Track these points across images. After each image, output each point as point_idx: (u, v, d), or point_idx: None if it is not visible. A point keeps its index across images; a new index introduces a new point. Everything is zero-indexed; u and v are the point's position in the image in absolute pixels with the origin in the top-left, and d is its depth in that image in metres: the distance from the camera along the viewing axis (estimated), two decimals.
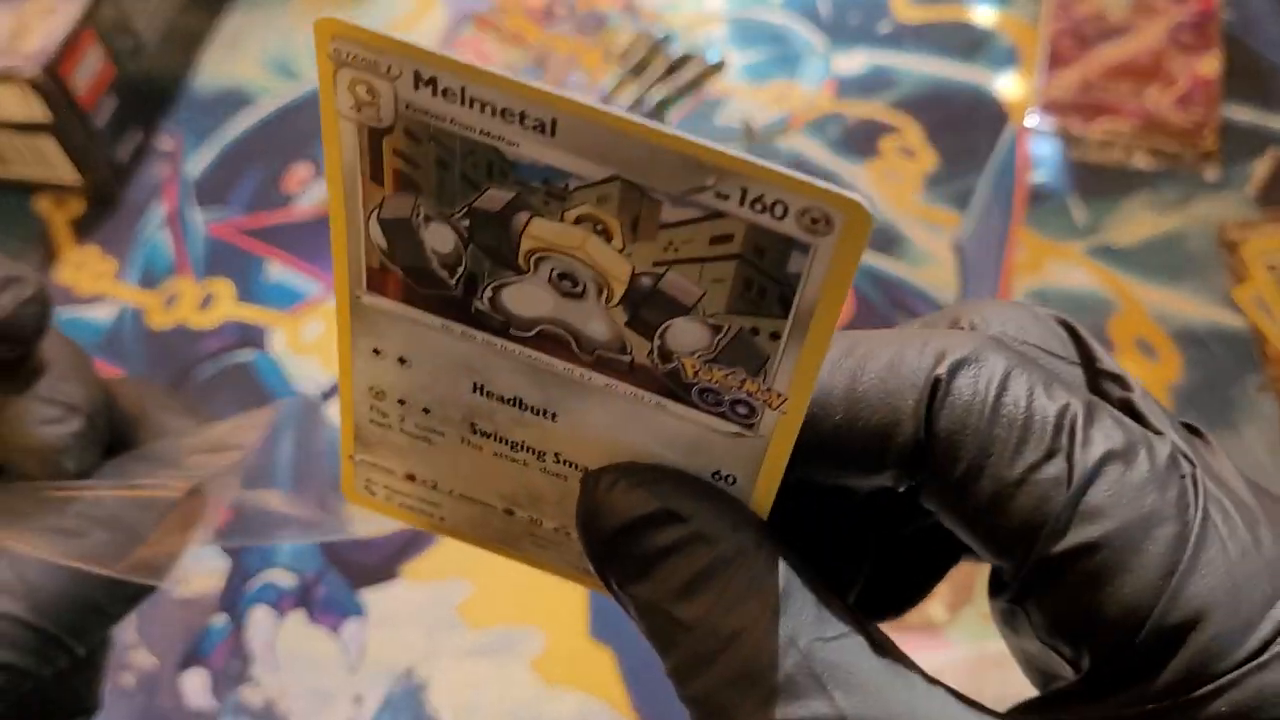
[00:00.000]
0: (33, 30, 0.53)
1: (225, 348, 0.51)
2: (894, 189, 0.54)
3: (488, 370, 0.16)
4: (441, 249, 0.14)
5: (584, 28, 0.60)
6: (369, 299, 0.16)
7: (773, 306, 0.14)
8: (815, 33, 0.61)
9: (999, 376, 0.15)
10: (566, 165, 0.13)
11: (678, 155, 0.13)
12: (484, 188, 0.14)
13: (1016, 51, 0.59)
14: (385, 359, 0.16)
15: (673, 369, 0.15)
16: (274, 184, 0.57)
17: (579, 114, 0.13)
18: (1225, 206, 0.51)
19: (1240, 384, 0.46)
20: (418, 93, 0.13)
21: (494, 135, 0.13)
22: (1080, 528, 0.14)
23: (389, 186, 0.14)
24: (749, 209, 0.13)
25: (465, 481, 0.18)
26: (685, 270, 0.14)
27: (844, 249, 0.13)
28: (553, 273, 0.14)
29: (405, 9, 0.65)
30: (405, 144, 0.14)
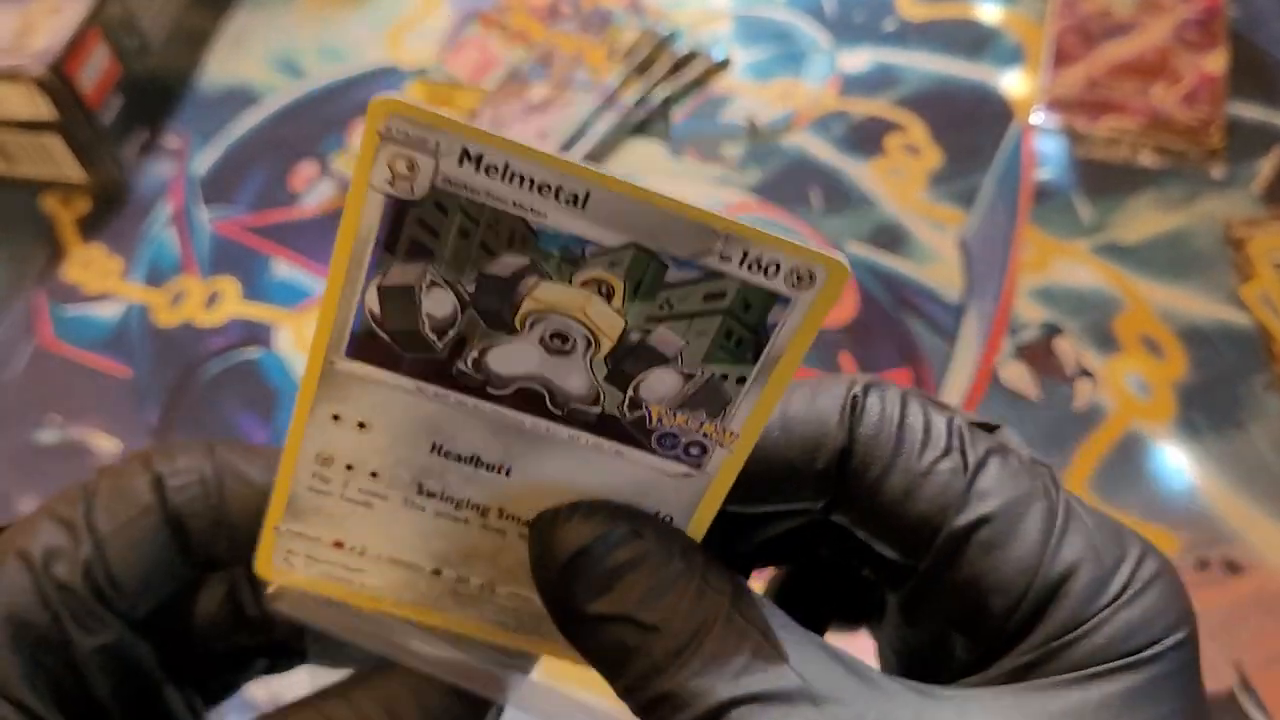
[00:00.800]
0: (39, 29, 0.53)
1: (231, 345, 0.52)
2: (899, 186, 0.54)
3: (451, 430, 0.17)
4: (438, 313, 0.15)
5: (589, 25, 0.60)
6: (344, 365, 0.16)
7: (745, 354, 0.15)
8: (820, 30, 0.61)
9: (899, 397, 0.18)
10: (588, 234, 0.14)
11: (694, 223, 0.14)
12: (499, 255, 0.15)
13: (1022, 49, 0.58)
14: (343, 424, 0.17)
15: (639, 417, 0.16)
16: (280, 182, 0.57)
17: (612, 188, 0.14)
18: (1231, 204, 0.51)
19: (1246, 382, 0.46)
20: (461, 168, 0.14)
21: (524, 207, 0.14)
22: (975, 505, 0.17)
23: (401, 255, 0.15)
24: (746, 269, 0.15)
25: (398, 544, 0.18)
26: (674, 325, 0.15)
27: (820, 301, 0.15)
28: (545, 332, 0.15)
29: (411, 7, 0.65)
30: (432, 215, 0.14)
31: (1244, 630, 0.40)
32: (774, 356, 0.15)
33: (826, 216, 0.53)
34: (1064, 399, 0.46)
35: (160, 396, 0.50)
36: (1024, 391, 0.46)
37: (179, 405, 0.50)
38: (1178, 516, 0.43)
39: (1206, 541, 0.42)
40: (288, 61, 0.63)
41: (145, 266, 0.55)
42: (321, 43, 0.64)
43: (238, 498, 0.19)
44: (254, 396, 0.50)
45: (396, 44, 0.63)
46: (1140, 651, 0.16)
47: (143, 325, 0.53)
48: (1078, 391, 0.46)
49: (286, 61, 0.63)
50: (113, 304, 0.54)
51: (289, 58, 0.63)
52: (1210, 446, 0.44)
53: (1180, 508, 0.43)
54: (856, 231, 0.52)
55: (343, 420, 0.17)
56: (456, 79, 0.58)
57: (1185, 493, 0.43)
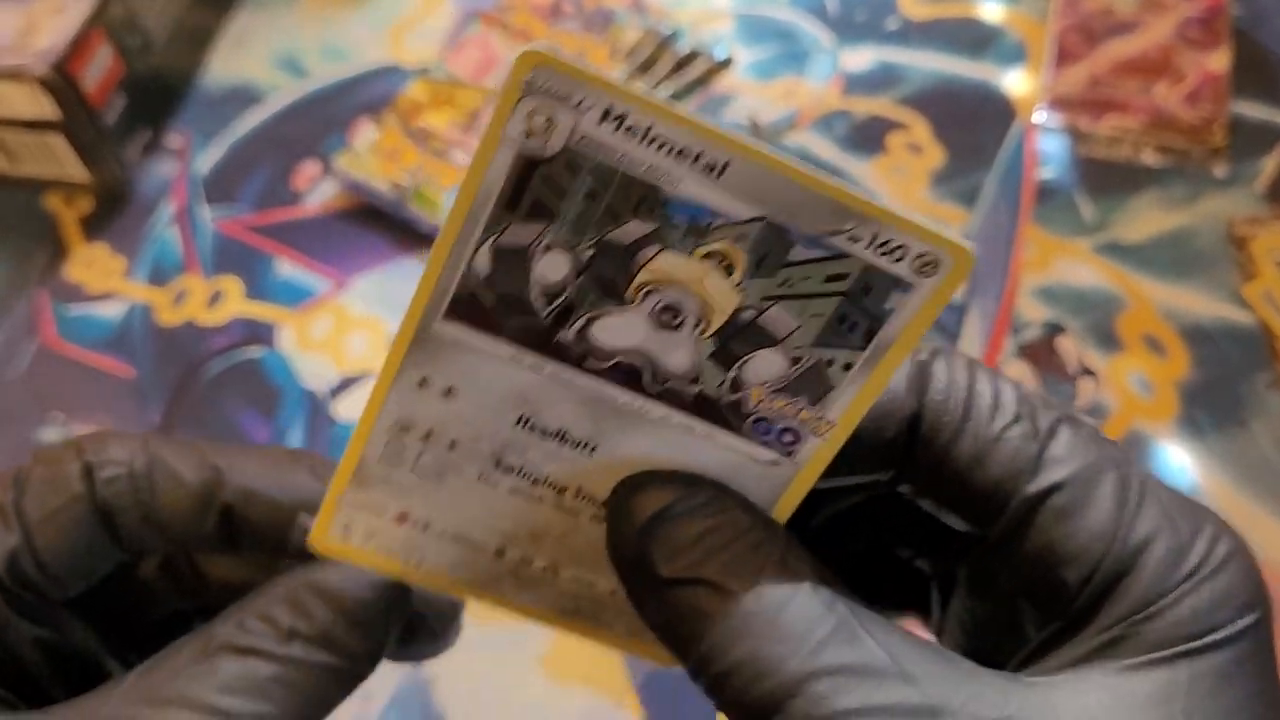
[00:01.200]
0: (42, 28, 0.53)
1: (233, 345, 0.52)
2: (901, 186, 0.54)
3: (541, 402, 0.16)
4: (550, 278, 0.15)
5: (591, 25, 0.60)
6: (440, 326, 0.16)
7: (857, 340, 0.15)
8: (822, 29, 0.61)
9: (967, 364, 0.18)
10: (719, 205, 0.14)
11: (831, 201, 0.14)
12: (624, 221, 0.14)
13: (1024, 48, 0.58)
14: (429, 390, 0.17)
15: (737, 399, 0.16)
16: (282, 181, 0.57)
17: (754, 159, 0.14)
18: (1234, 203, 0.51)
19: (1249, 380, 0.46)
20: (600, 127, 0.14)
21: (659, 172, 0.14)
22: (1047, 471, 0.17)
23: (521, 214, 0.14)
24: (872, 251, 0.14)
25: (465, 520, 0.18)
26: (789, 305, 0.15)
27: (941, 290, 0.15)
28: (657, 305, 0.15)
29: (413, 6, 0.65)
30: (561, 175, 0.14)
31: None
32: (885, 344, 0.15)
33: None
34: (1066, 398, 0.46)
35: (163, 395, 0.50)
36: None
37: (181, 404, 0.50)
38: None
39: None
40: (290, 61, 0.63)
41: (148, 266, 0.55)
42: (324, 42, 0.64)
43: (167, 494, 0.19)
44: (256, 396, 0.50)
45: (398, 43, 0.63)
46: (1218, 630, 0.16)
47: (145, 324, 0.53)
48: (1080, 390, 0.46)
49: (289, 61, 0.63)
50: (115, 303, 0.54)
51: (291, 57, 0.63)
52: (1213, 445, 0.44)
53: None
54: None
55: (429, 385, 0.16)
56: (458, 78, 0.58)
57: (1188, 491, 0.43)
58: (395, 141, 0.56)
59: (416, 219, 0.53)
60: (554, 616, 0.19)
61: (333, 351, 0.51)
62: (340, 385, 0.50)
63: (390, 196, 0.54)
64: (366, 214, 0.55)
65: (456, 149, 0.55)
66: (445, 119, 0.56)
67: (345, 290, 0.53)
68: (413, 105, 0.57)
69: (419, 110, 0.57)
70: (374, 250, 0.54)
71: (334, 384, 0.50)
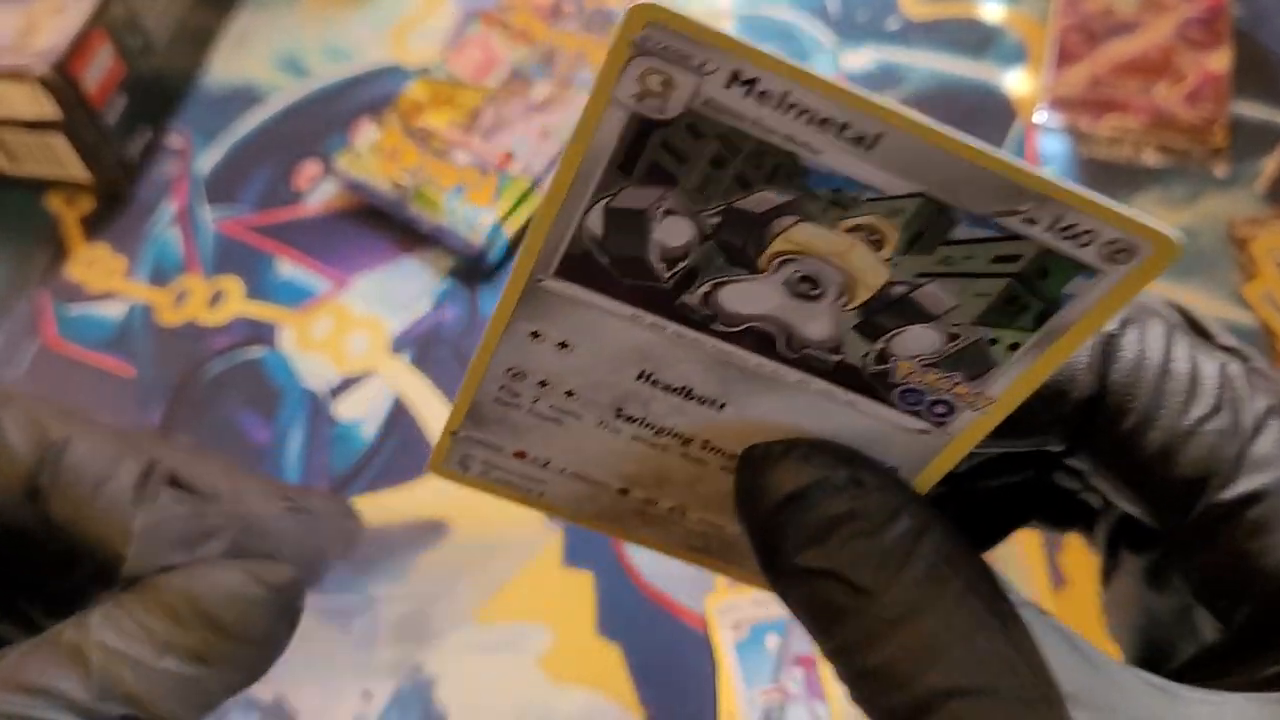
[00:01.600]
0: (42, 28, 0.53)
1: (234, 345, 0.52)
2: None
3: (664, 360, 0.15)
4: (671, 242, 0.14)
5: (592, 25, 0.60)
6: (551, 283, 0.15)
7: (1026, 321, 0.14)
8: (823, 29, 0.61)
9: (1163, 334, 0.16)
10: (870, 178, 0.13)
11: (1004, 180, 0.13)
12: (757, 189, 0.13)
13: (1025, 48, 0.58)
14: (542, 341, 0.16)
15: (884, 369, 0.15)
16: (284, 181, 0.57)
17: (913, 132, 0.12)
18: (1235, 203, 0.51)
19: None
20: (727, 91, 0.12)
21: (798, 141, 0.13)
22: (1249, 476, 0.15)
23: (638, 178, 0.13)
24: (1053, 234, 0.13)
25: (585, 462, 0.17)
26: (949, 283, 0.13)
27: (1135, 278, 0.13)
28: (794, 274, 0.14)
29: (414, 7, 0.65)
30: (682, 139, 0.13)
31: None
32: (1059, 328, 0.14)
33: None
34: None
35: (163, 395, 0.50)
36: None
37: (182, 404, 0.50)
38: None
39: None
40: (292, 61, 0.63)
41: (149, 266, 0.55)
42: (325, 42, 0.64)
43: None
44: (257, 396, 0.50)
45: (400, 43, 0.63)
46: None
47: (146, 324, 0.53)
48: None
49: (290, 61, 0.63)
50: (116, 303, 0.54)
51: (293, 57, 0.63)
52: None
53: None
54: None
55: (542, 338, 0.15)
56: (459, 78, 0.58)
57: None
58: (396, 141, 0.56)
59: (417, 219, 0.53)
60: (683, 552, 0.18)
61: (333, 351, 0.51)
62: (341, 385, 0.50)
63: (391, 196, 0.54)
64: (367, 214, 0.55)
65: (457, 149, 0.55)
66: (446, 119, 0.56)
67: (346, 290, 0.53)
68: (414, 105, 0.57)
69: (420, 110, 0.57)
70: (375, 250, 0.54)
71: (334, 384, 0.50)
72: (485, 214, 0.52)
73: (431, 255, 0.54)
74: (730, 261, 0.14)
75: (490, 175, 0.54)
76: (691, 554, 0.18)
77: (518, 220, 0.53)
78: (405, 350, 0.51)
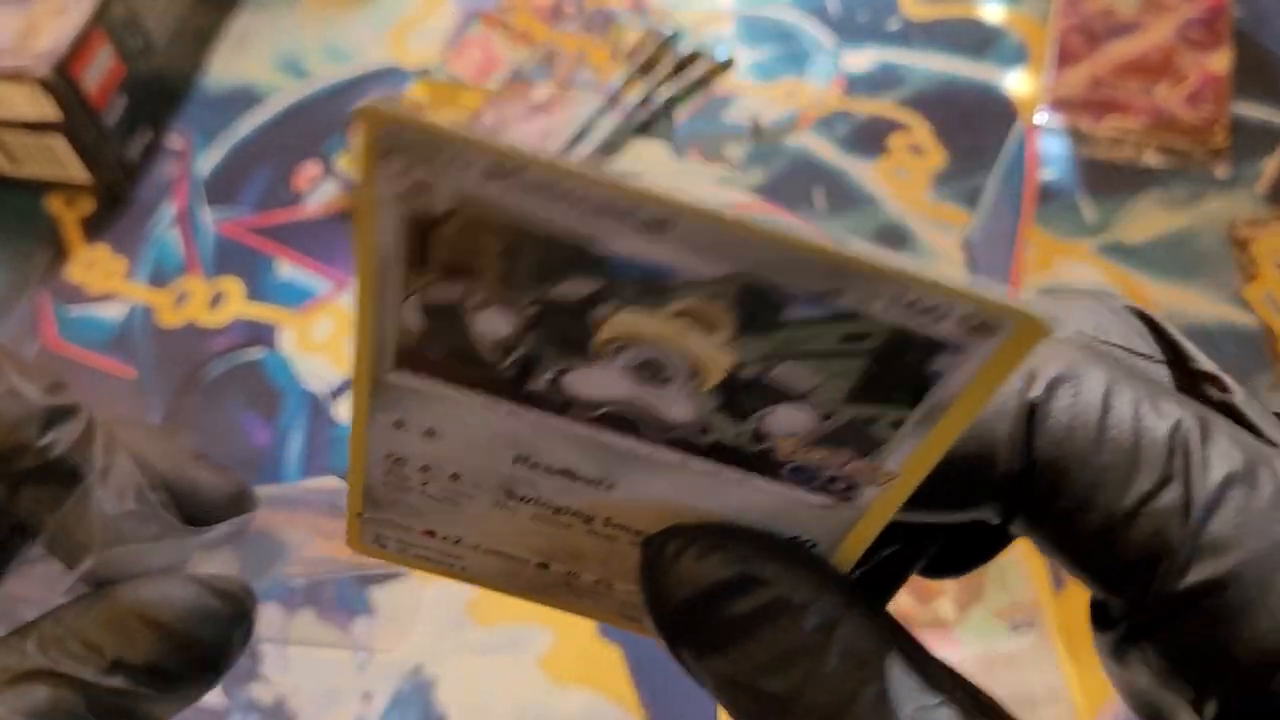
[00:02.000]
0: (43, 30, 0.53)
1: (234, 346, 0.52)
2: (903, 187, 0.54)
3: (535, 445, 0.14)
4: (495, 334, 0.13)
5: (592, 26, 0.60)
6: (394, 377, 0.14)
7: (901, 398, 0.12)
8: (824, 30, 0.61)
9: (1100, 394, 0.13)
10: (674, 263, 0.12)
11: (821, 262, 0.11)
12: (561, 278, 0.12)
13: (1025, 48, 0.58)
14: (408, 430, 0.15)
15: (765, 449, 0.13)
16: (284, 182, 0.57)
17: (702, 219, 0.11)
18: (1236, 204, 0.51)
19: (1251, 382, 0.46)
20: (489, 184, 0.11)
21: (582, 231, 0.11)
22: (1205, 562, 0.13)
23: (436, 273, 0.12)
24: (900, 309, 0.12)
25: (495, 539, 0.16)
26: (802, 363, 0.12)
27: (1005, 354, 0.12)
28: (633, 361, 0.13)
29: (414, 7, 0.65)
30: (463, 233, 0.12)
31: None
32: (941, 404, 0.12)
33: (830, 217, 0.53)
34: None
35: (164, 397, 0.50)
36: None
37: (183, 405, 0.50)
38: None
39: None
40: (291, 62, 0.63)
41: (149, 267, 0.55)
42: (325, 43, 0.64)
43: None
44: (257, 397, 0.50)
45: (400, 44, 0.63)
46: None
47: (146, 326, 0.53)
48: None
49: (290, 62, 0.63)
50: (116, 304, 0.54)
51: (293, 58, 0.63)
52: None
53: None
54: (860, 232, 0.52)
55: (407, 427, 0.15)
56: (460, 79, 0.58)
57: None
58: None
59: None
60: (622, 622, 0.17)
61: (334, 352, 0.51)
62: (341, 386, 0.50)
63: None
64: None
65: None
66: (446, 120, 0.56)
67: (346, 291, 0.53)
68: (414, 106, 0.57)
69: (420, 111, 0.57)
70: None
71: (335, 385, 0.50)
72: None
73: None
74: (563, 351, 0.13)
75: None
76: (631, 624, 0.17)
77: None
78: None
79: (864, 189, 0.54)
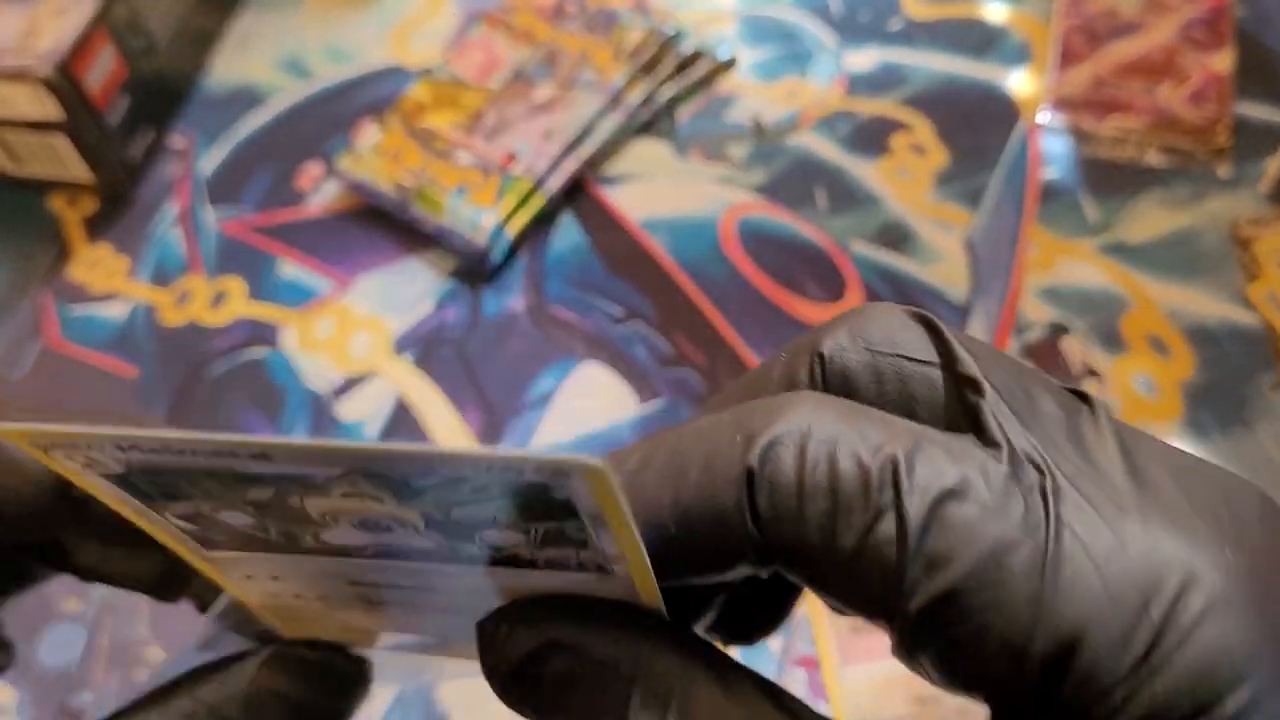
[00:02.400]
0: (45, 30, 0.53)
1: (237, 345, 0.52)
2: (905, 186, 0.54)
3: (352, 571, 0.16)
4: (243, 524, 0.15)
5: (594, 25, 0.60)
6: (214, 554, 0.16)
7: (563, 515, 0.14)
8: (826, 30, 0.61)
9: (799, 449, 0.14)
10: (304, 470, 0.13)
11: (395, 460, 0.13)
12: (246, 489, 0.14)
13: (1028, 48, 0.58)
14: (259, 580, 0.17)
15: (510, 555, 0.15)
16: (285, 182, 0.57)
17: (282, 450, 0.13)
18: (1238, 203, 0.51)
19: (1254, 381, 0.46)
20: (128, 454, 0.14)
21: (219, 466, 0.14)
22: (930, 580, 0.13)
23: (163, 502, 0.15)
24: (487, 472, 0.13)
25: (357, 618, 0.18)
26: (467, 507, 0.14)
27: (596, 486, 0.13)
28: (353, 522, 0.15)
29: (416, 7, 0.65)
30: (150, 480, 0.14)
31: None
32: (594, 513, 0.13)
33: (832, 216, 0.53)
34: None
35: (166, 396, 0.50)
36: None
37: (185, 404, 0.50)
38: None
39: None
40: (294, 62, 0.63)
41: (151, 266, 0.55)
42: (327, 43, 0.64)
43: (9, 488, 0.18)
44: (260, 396, 0.50)
45: (402, 44, 0.63)
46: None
47: (148, 325, 0.53)
48: None
49: (292, 62, 0.63)
50: (119, 304, 0.54)
51: (295, 58, 0.64)
52: (1217, 446, 0.44)
53: None
54: (862, 231, 0.52)
55: (256, 579, 0.17)
56: (461, 79, 0.58)
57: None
58: (398, 142, 0.56)
59: (420, 220, 0.53)
60: None
61: (336, 352, 0.51)
62: (343, 386, 0.50)
63: (393, 197, 0.54)
64: (369, 215, 0.55)
65: (459, 149, 0.55)
66: (448, 120, 0.56)
67: (348, 290, 0.53)
68: (416, 106, 0.57)
69: (422, 111, 0.57)
70: (377, 251, 0.54)
71: (337, 384, 0.50)
72: (488, 214, 0.52)
73: (434, 256, 0.54)
74: (299, 524, 0.15)
75: (493, 176, 0.54)
76: None
77: (520, 221, 0.53)
78: (408, 351, 0.51)
79: (866, 188, 0.54)
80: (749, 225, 0.53)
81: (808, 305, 0.50)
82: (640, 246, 0.53)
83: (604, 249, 0.53)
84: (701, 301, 0.51)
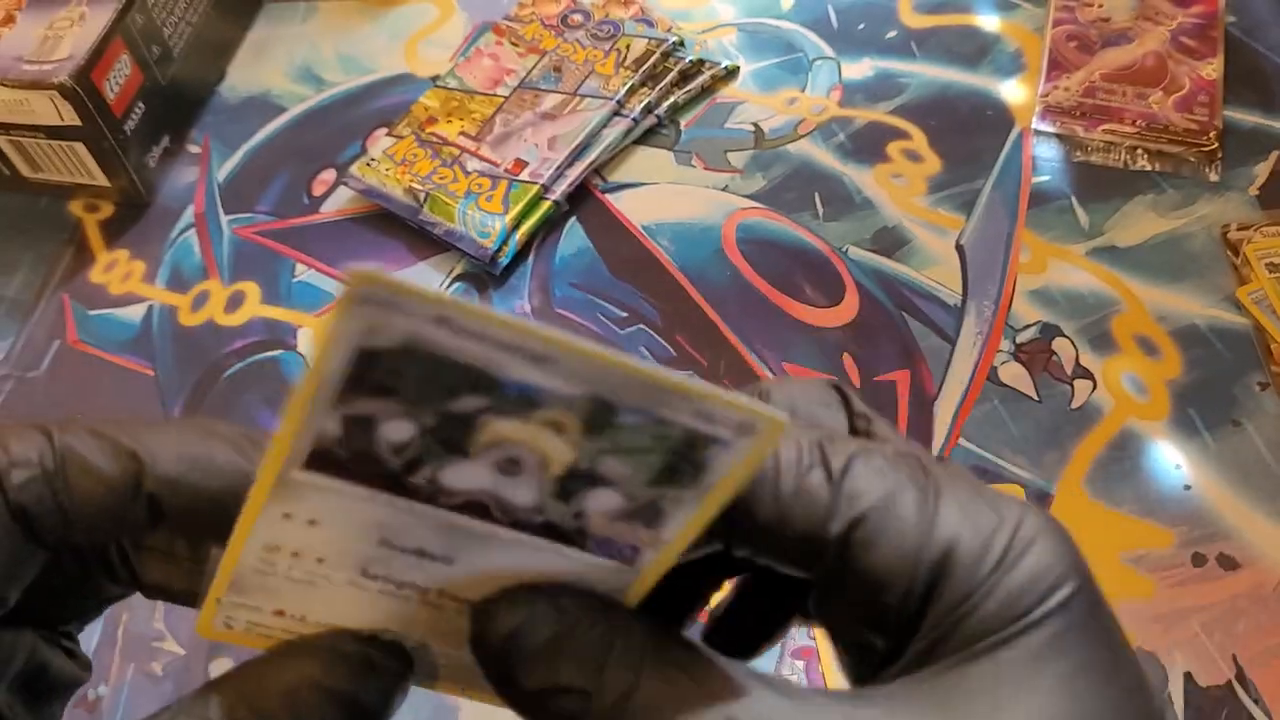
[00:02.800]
0: (64, 38, 0.55)
1: (252, 346, 0.53)
2: (900, 192, 0.55)
3: (399, 529, 0.18)
4: (397, 439, 0.17)
5: (599, 36, 0.61)
6: (299, 474, 0.17)
7: (684, 481, 0.17)
8: (824, 40, 0.62)
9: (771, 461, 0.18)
10: (548, 385, 0.16)
11: (649, 384, 0.16)
12: (461, 396, 0.16)
13: (1021, 57, 0.60)
14: (293, 521, 0.18)
15: (581, 525, 0.18)
16: (300, 188, 0.59)
17: (574, 353, 0.16)
18: (1227, 207, 0.52)
19: (1241, 382, 0.47)
20: (433, 328, 0.15)
21: (489, 360, 0.16)
22: (847, 508, 0.18)
23: (365, 392, 0.16)
24: (692, 417, 0.16)
25: (338, 614, 0.20)
26: (621, 457, 0.17)
27: (757, 448, 0.17)
28: (499, 458, 0.17)
29: (426, 19, 0.66)
30: (399, 363, 0.16)
31: (1240, 624, 0.41)
32: (709, 485, 0.17)
33: (829, 221, 0.54)
34: (1062, 398, 0.47)
35: (182, 395, 0.52)
36: (1023, 391, 0.47)
37: (201, 403, 0.51)
38: (1174, 513, 0.44)
39: (1202, 537, 0.43)
40: (308, 70, 0.65)
41: (168, 270, 0.56)
42: (340, 53, 0.65)
43: (82, 490, 0.19)
44: (275, 394, 0.51)
45: (412, 54, 0.65)
46: (1032, 611, 0.17)
47: (165, 326, 0.54)
48: (1075, 391, 0.47)
49: (306, 70, 0.65)
50: (136, 307, 0.55)
51: (309, 67, 0.65)
52: (1206, 445, 0.45)
53: (1176, 504, 0.44)
54: (859, 236, 0.53)
55: (293, 518, 0.18)
56: (470, 87, 0.59)
57: (1181, 490, 0.44)
58: (409, 149, 0.57)
59: (430, 224, 0.54)
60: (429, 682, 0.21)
61: None
62: None
63: (405, 203, 0.55)
64: (382, 220, 0.56)
65: (469, 156, 0.56)
66: (458, 128, 0.58)
67: None
68: (426, 114, 0.58)
69: (432, 119, 0.58)
70: (389, 255, 0.55)
71: None
72: (496, 220, 0.53)
73: (443, 260, 0.55)
74: (447, 451, 0.17)
75: (501, 182, 0.55)
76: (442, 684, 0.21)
77: (527, 226, 0.54)
78: None
79: (863, 194, 0.55)
80: (749, 230, 0.54)
81: (806, 308, 0.51)
82: (644, 251, 0.54)
83: (608, 253, 0.54)
84: (703, 304, 0.52)
